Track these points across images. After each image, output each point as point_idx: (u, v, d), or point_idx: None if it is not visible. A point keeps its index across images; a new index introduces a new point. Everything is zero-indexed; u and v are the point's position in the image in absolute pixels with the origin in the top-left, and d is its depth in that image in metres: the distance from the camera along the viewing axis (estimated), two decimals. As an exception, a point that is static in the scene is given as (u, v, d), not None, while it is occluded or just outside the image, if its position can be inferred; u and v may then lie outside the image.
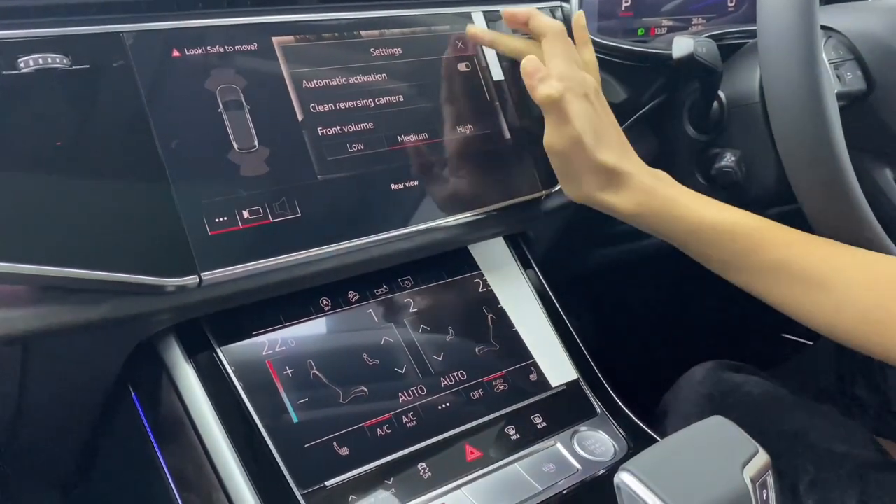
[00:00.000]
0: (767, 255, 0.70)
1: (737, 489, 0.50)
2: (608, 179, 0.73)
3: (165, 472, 0.67)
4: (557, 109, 0.71)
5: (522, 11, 0.77)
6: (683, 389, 0.93)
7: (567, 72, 0.72)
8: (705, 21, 1.06)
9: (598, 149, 0.72)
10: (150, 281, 0.60)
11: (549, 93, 0.71)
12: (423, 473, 0.66)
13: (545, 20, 0.75)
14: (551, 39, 0.73)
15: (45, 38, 0.59)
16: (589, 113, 0.72)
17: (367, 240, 0.69)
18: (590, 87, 0.73)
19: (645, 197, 0.73)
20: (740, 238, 0.71)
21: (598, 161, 0.72)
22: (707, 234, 0.72)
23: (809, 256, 0.69)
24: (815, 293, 0.68)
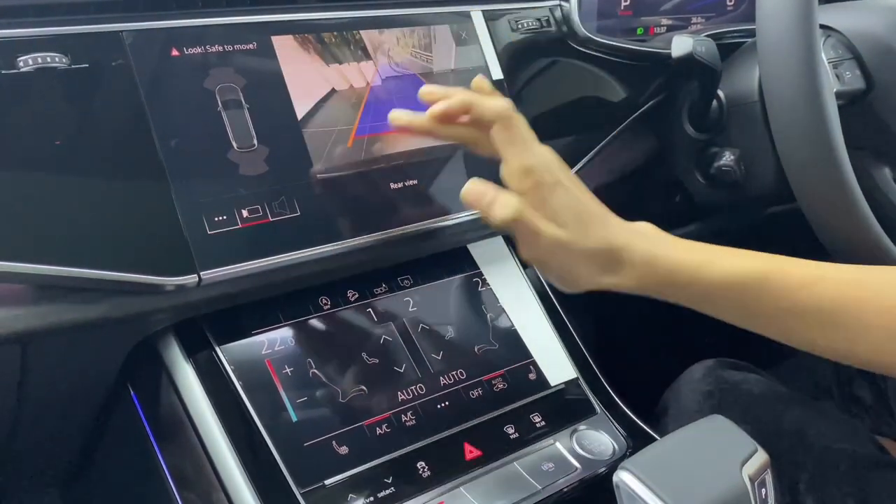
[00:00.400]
0: (776, 303, 0.66)
1: (736, 488, 0.50)
2: (605, 262, 0.66)
3: (165, 471, 0.67)
4: (522, 225, 0.63)
5: (456, 104, 0.65)
6: (683, 387, 0.93)
7: (530, 160, 0.64)
8: (704, 20, 1.06)
9: (585, 237, 0.65)
10: (150, 280, 0.60)
11: (505, 215, 0.63)
12: (422, 472, 0.66)
13: (488, 105, 0.64)
14: (500, 128, 0.64)
15: (44, 37, 0.59)
16: (567, 201, 0.64)
17: (366, 239, 0.69)
18: (555, 166, 0.65)
19: (646, 269, 0.66)
20: (749, 291, 0.66)
21: (588, 250, 0.65)
22: (715, 295, 0.67)
23: (817, 297, 0.65)
24: (829, 332, 0.65)
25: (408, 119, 0.66)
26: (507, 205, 0.62)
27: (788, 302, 0.65)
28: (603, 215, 0.67)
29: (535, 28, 0.86)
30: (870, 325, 0.64)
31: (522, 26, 0.84)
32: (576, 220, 0.64)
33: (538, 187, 0.63)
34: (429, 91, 0.67)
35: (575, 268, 0.66)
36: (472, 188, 0.65)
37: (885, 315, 0.64)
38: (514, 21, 0.84)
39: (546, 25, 0.87)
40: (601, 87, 0.92)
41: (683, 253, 0.67)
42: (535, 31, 0.86)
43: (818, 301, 0.64)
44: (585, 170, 0.87)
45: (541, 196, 0.63)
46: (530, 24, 0.85)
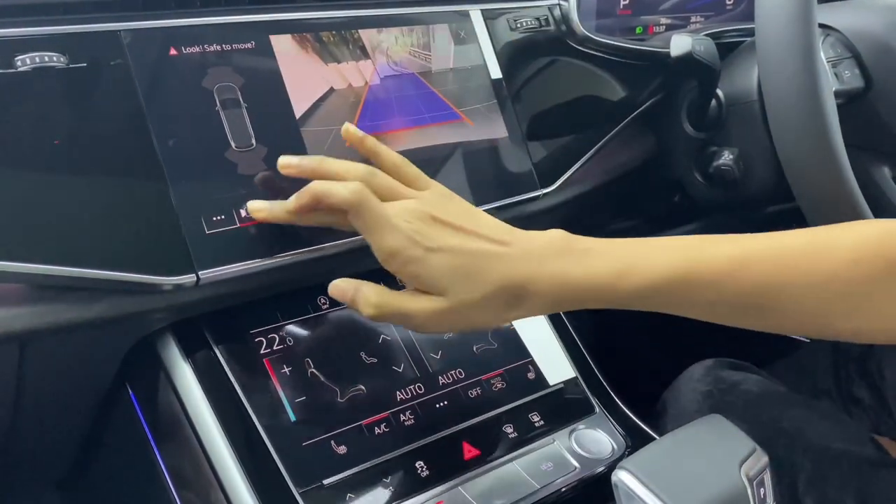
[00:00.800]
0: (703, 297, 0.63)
1: (734, 487, 0.50)
2: (507, 300, 0.62)
3: (163, 471, 0.67)
4: (391, 316, 0.62)
5: (307, 193, 0.61)
6: (682, 387, 0.93)
7: (388, 244, 0.60)
8: (703, 19, 1.06)
9: (472, 291, 0.60)
10: (148, 280, 0.60)
11: (368, 314, 0.62)
12: (420, 472, 0.66)
13: (336, 195, 0.60)
14: (355, 216, 0.60)
15: (42, 36, 0.59)
16: (441, 265, 0.60)
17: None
18: (424, 231, 0.61)
19: (557, 292, 0.62)
20: (672, 293, 0.63)
21: (479, 302, 0.61)
22: (638, 302, 0.64)
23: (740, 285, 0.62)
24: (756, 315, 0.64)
25: (267, 211, 0.63)
26: (366, 302, 0.62)
27: (714, 294, 0.62)
28: (494, 252, 0.62)
29: (533, 27, 0.86)
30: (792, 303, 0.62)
31: (521, 25, 0.84)
32: (456, 279, 0.60)
33: (405, 265, 0.60)
34: (285, 163, 0.64)
35: (471, 322, 0.63)
36: (334, 287, 0.64)
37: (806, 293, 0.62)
38: (513, 20, 0.84)
39: (545, 24, 0.87)
40: (600, 86, 0.92)
41: (597, 264, 0.63)
42: (534, 30, 0.86)
43: (741, 288, 0.62)
44: (584, 169, 0.87)
45: (410, 273, 0.61)
46: (529, 23, 0.85)
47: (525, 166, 0.80)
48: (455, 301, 0.60)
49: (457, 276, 0.60)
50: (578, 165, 0.87)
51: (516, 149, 0.80)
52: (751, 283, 0.62)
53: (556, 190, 0.82)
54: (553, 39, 0.88)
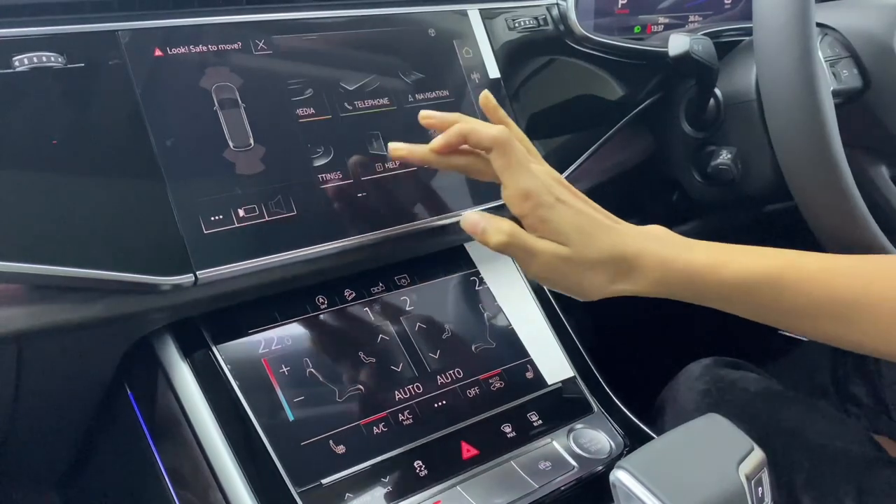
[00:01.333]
0: (793, 299, 0.67)
1: (732, 486, 0.50)
2: (615, 270, 0.67)
3: (162, 470, 0.67)
4: (515, 248, 0.65)
5: (453, 135, 0.66)
6: (680, 386, 0.93)
7: (528, 183, 0.64)
8: (702, 18, 1.06)
9: (588, 246, 0.65)
10: (146, 280, 0.60)
11: (497, 241, 0.65)
12: (419, 471, 0.66)
13: (484, 132, 0.65)
14: (498, 154, 0.65)
15: (39, 36, 0.59)
16: (568, 217, 0.65)
17: (363, 238, 0.69)
18: (555, 185, 0.66)
19: (660, 273, 0.67)
20: (765, 289, 0.67)
21: (593, 261, 0.66)
22: (732, 295, 0.68)
23: (831, 290, 0.67)
24: (843, 325, 0.67)
25: (407, 151, 0.67)
26: (498, 230, 0.65)
27: (804, 298, 0.66)
28: (610, 225, 0.68)
29: (531, 27, 0.86)
30: (882, 316, 0.65)
31: (519, 25, 0.84)
32: (578, 233, 0.65)
33: (537, 208, 0.64)
34: (427, 115, 0.68)
35: (582, 280, 0.66)
36: (467, 219, 0.67)
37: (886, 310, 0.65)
38: (511, 20, 0.84)
39: (543, 24, 0.87)
40: (598, 85, 0.92)
41: (698, 255, 0.67)
42: (532, 30, 0.86)
43: (832, 295, 0.66)
44: (582, 168, 0.87)
45: (540, 216, 0.64)
46: (527, 22, 0.85)
47: (523, 166, 0.80)
48: (575, 253, 0.65)
49: (580, 230, 0.65)
50: (577, 164, 0.87)
51: (514, 148, 0.80)
52: (839, 292, 0.66)
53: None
54: (551, 39, 0.88)
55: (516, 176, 0.65)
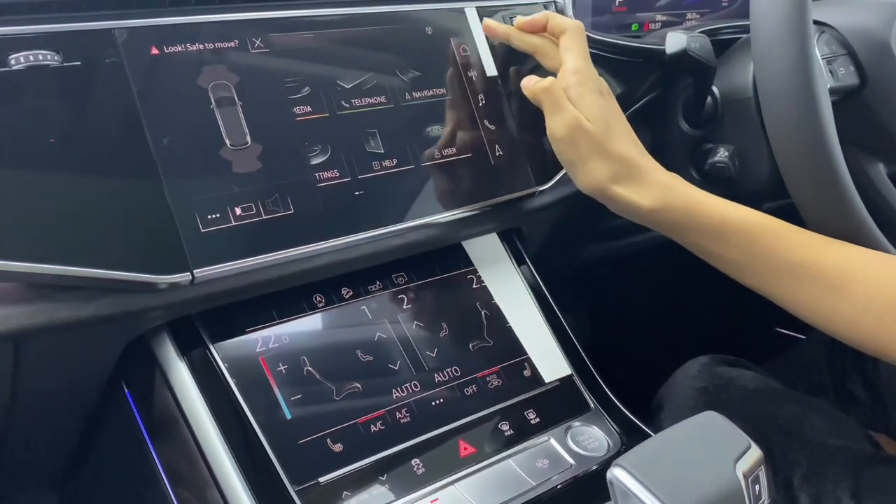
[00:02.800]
0: (786, 256, 0.69)
1: (729, 484, 0.50)
2: (624, 171, 0.72)
3: (159, 469, 0.67)
4: (549, 96, 0.73)
5: (539, 16, 0.78)
6: (678, 384, 0.93)
7: (582, 66, 0.73)
8: (699, 16, 1.06)
9: (609, 138, 0.72)
10: (143, 278, 0.60)
11: (541, 85, 0.73)
12: (416, 469, 0.66)
13: (562, 18, 0.77)
14: (570, 35, 0.75)
15: (35, 34, 0.59)
16: (601, 105, 0.73)
17: (360, 236, 0.69)
18: (603, 85, 0.75)
19: (664, 193, 0.72)
20: (760, 238, 0.70)
21: (608, 149, 0.72)
22: (727, 234, 0.71)
23: (828, 259, 0.68)
24: (832, 297, 0.67)
25: (496, 27, 0.79)
26: (543, 81, 0.74)
27: (796, 257, 0.69)
28: (634, 140, 0.75)
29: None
30: (877, 298, 0.66)
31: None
32: (605, 123, 0.72)
33: (580, 84, 0.72)
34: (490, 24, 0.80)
35: (588, 161, 0.72)
36: (528, 77, 0.76)
37: (892, 289, 0.66)
38: (509, 17, 0.83)
39: (541, 21, 0.87)
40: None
41: (703, 193, 0.73)
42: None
43: (826, 263, 0.68)
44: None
45: (579, 92, 0.72)
46: (524, 20, 0.85)
47: (521, 164, 0.80)
48: (594, 130, 0.72)
49: (607, 122, 0.72)
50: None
51: (512, 146, 0.80)
52: (841, 261, 0.68)
53: (551, 187, 0.82)
54: (549, 37, 0.87)
55: (576, 57, 0.74)
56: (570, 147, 0.73)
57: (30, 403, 0.71)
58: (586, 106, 0.72)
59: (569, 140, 0.72)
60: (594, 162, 0.72)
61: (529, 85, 0.75)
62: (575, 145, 0.72)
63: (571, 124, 0.72)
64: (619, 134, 0.73)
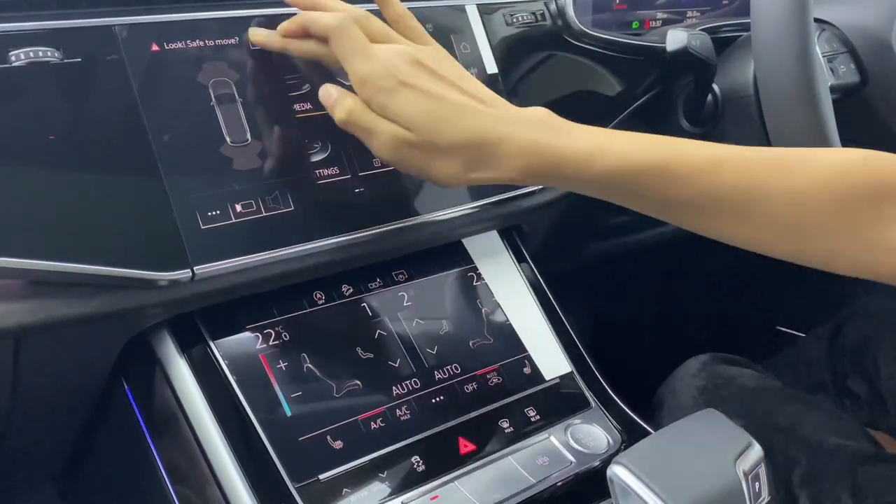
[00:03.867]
0: (677, 192, 0.61)
1: (729, 482, 0.50)
2: (471, 157, 0.63)
3: (159, 466, 0.67)
4: (354, 126, 0.64)
5: (296, 22, 0.66)
6: (678, 382, 0.93)
7: (366, 68, 0.62)
8: (700, 14, 1.06)
9: (437, 135, 0.62)
10: (143, 275, 0.60)
11: (338, 117, 0.64)
12: (416, 466, 0.66)
13: (319, 21, 0.64)
14: (334, 40, 0.63)
15: (36, 31, 0.59)
16: (413, 102, 0.62)
17: (360, 233, 0.69)
18: (403, 67, 0.63)
19: (526, 160, 0.62)
20: (644, 179, 0.61)
21: (443, 148, 0.62)
22: (608, 184, 0.63)
23: (719, 184, 0.61)
24: (732, 221, 0.62)
25: (264, 36, 0.67)
26: (341, 106, 0.63)
27: (689, 191, 0.61)
28: (472, 108, 0.63)
29: (529, 22, 0.86)
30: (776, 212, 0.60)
31: (517, 20, 0.84)
32: (426, 119, 0.62)
33: (376, 94, 0.62)
34: (257, 36, 0.68)
35: (431, 166, 0.64)
36: (323, 90, 0.65)
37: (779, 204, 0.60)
38: (509, 15, 0.84)
39: (541, 19, 0.87)
40: (596, 81, 0.92)
41: (574, 141, 0.62)
42: (530, 25, 0.86)
43: (720, 188, 0.61)
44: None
45: (379, 102, 0.62)
46: (525, 17, 0.85)
47: (521, 161, 0.80)
48: (420, 138, 0.62)
49: (427, 117, 0.62)
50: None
51: (512, 144, 0.80)
52: (729, 184, 0.61)
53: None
54: (549, 34, 0.87)
55: (353, 63, 0.63)
56: (404, 163, 0.64)
57: (30, 400, 0.71)
58: (395, 112, 0.62)
59: (399, 159, 0.64)
60: (436, 165, 0.63)
61: (335, 118, 0.65)
62: (407, 160, 0.64)
63: (391, 143, 0.63)
64: (446, 118, 0.62)
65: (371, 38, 0.64)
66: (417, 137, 0.62)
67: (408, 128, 0.62)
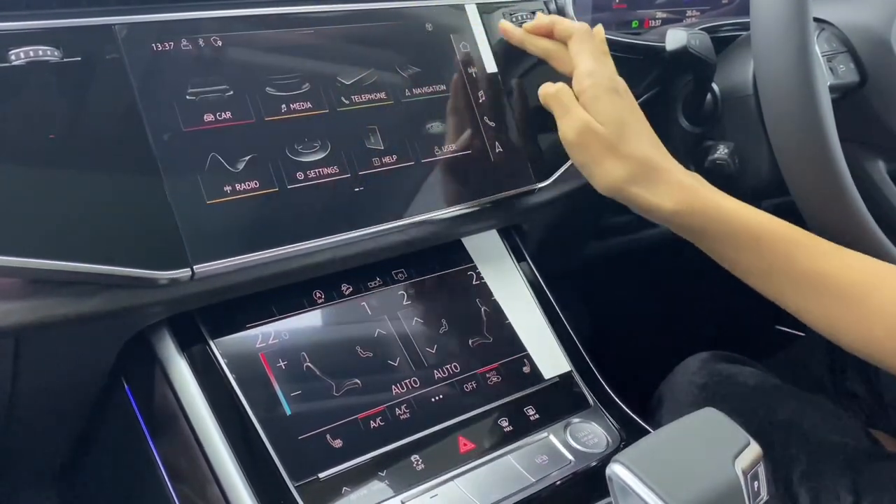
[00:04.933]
0: (803, 265, 0.68)
1: (728, 481, 0.50)
2: (641, 172, 0.71)
3: (159, 465, 0.67)
4: (557, 100, 0.73)
5: (545, 20, 0.78)
6: (678, 379, 0.93)
7: (594, 67, 0.73)
8: (699, 13, 1.06)
9: (622, 139, 0.71)
10: (143, 274, 0.60)
11: (548, 90, 0.74)
12: (416, 465, 0.66)
13: (569, 23, 0.76)
14: (577, 39, 0.75)
15: (35, 30, 0.59)
16: (615, 106, 0.72)
17: (360, 232, 0.69)
18: (619, 83, 0.75)
19: (684, 195, 0.71)
20: (780, 245, 0.69)
21: (622, 150, 0.71)
22: (746, 239, 0.70)
23: (846, 269, 0.68)
24: (846, 308, 0.67)
25: (512, 30, 0.79)
26: (553, 85, 0.74)
27: (813, 266, 0.68)
28: (653, 140, 0.74)
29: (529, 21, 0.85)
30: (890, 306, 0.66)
31: (517, 19, 0.84)
32: (620, 124, 0.72)
33: (593, 87, 0.72)
34: (506, 27, 0.80)
35: (602, 162, 0.72)
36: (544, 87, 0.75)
37: None
38: (509, 14, 0.84)
39: (540, 18, 0.87)
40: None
41: (724, 196, 0.72)
42: (530, 24, 0.85)
43: (843, 274, 0.68)
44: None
45: (592, 94, 0.72)
46: (525, 17, 0.85)
47: (521, 160, 0.80)
48: (607, 136, 0.72)
49: (622, 123, 0.72)
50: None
51: (512, 143, 0.80)
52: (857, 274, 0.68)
53: (551, 184, 0.82)
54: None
55: (587, 59, 0.74)
56: (581, 150, 0.73)
57: (30, 399, 0.71)
58: (600, 108, 0.72)
59: (579, 144, 0.72)
60: (608, 163, 0.72)
61: (540, 90, 0.75)
62: (586, 148, 0.72)
63: (580, 128, 0.72)
64: (634, 134, 0.72)
65: None
66: (605, 133, 0.71)
67: (601, 123, 0.72)
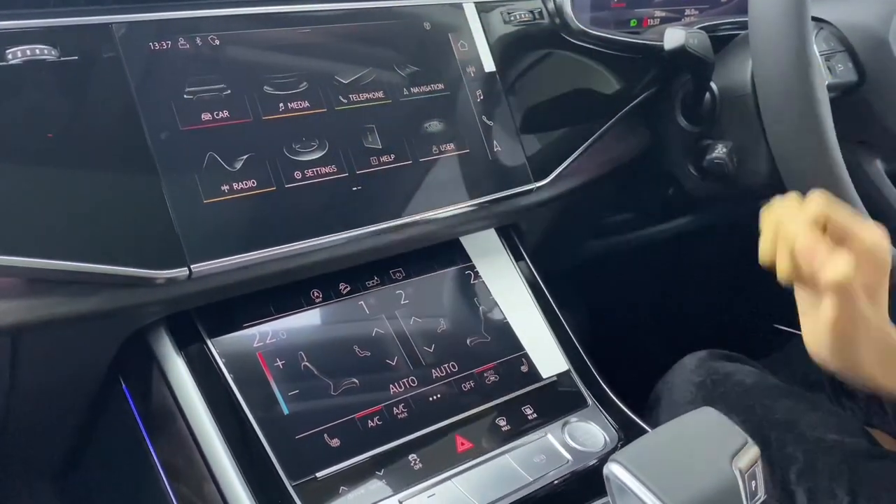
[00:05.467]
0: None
1: (725, 480, 0.50)
2: (889, 355, 0.63)
3: (156, 464, 0.67)
4: (845, 294, 0.59)
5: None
6: (675, 378, 0.93)
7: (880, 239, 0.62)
8: (698, 12, 1.05)
9: (887, 323, 0.62)
10: (140, 273, 0.60)
11: (835, 277, 0.58)
12: (413, 464, 0.66)
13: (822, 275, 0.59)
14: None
15: (33, 29, 0.59)
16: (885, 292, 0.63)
17: (358, 231, 0.69)
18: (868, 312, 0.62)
19: (883, 348, 0.63)
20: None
21: (885, 342, 0.62)
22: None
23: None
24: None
25: None
26: (840, 265, 0.58)
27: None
28: None
29: (527, 20, 0.85)
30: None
31: (515, 18, 0.84)
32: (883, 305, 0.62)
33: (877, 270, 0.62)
34: None
35: (863, 352, 0.62)
36: (805, 244, 0.60)
37: None
38: (507, 13, 0.83)
39: (539, 17, 0.87)
40: (594, 79, 0.92)
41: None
42: (528, 23, 0.86)
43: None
44: (578, 162, 0.87)
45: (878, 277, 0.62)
46: (523, 16, 0.85)
47: (519, 159, 0.80)
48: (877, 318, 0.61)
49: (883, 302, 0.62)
50: (572, 159, 0.87)
51: (510, 142, 0.80)
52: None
53: (549, 183, 0.82)
54: (547, 32, 0.87)
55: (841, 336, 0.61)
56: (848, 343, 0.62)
57: (27, 398, 0.71)
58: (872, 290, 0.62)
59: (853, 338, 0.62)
60: (865, 353, 0.62)
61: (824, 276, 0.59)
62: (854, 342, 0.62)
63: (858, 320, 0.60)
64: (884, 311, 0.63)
65: None
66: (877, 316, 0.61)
67: None
